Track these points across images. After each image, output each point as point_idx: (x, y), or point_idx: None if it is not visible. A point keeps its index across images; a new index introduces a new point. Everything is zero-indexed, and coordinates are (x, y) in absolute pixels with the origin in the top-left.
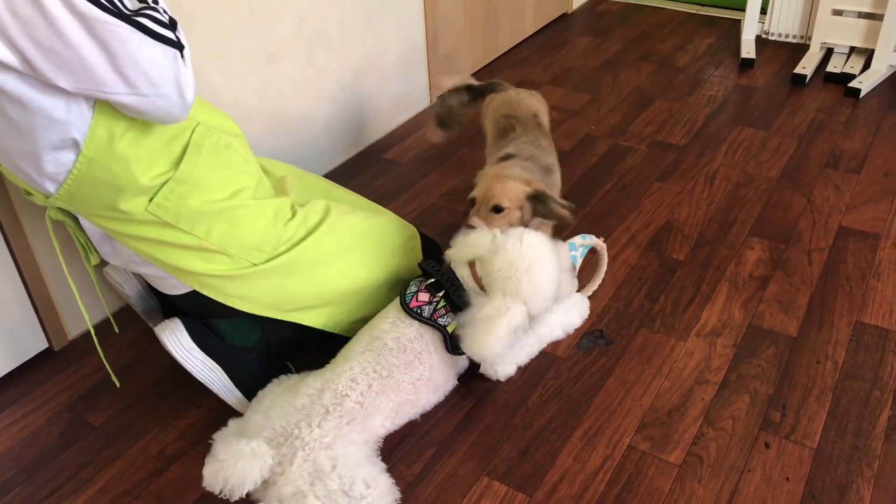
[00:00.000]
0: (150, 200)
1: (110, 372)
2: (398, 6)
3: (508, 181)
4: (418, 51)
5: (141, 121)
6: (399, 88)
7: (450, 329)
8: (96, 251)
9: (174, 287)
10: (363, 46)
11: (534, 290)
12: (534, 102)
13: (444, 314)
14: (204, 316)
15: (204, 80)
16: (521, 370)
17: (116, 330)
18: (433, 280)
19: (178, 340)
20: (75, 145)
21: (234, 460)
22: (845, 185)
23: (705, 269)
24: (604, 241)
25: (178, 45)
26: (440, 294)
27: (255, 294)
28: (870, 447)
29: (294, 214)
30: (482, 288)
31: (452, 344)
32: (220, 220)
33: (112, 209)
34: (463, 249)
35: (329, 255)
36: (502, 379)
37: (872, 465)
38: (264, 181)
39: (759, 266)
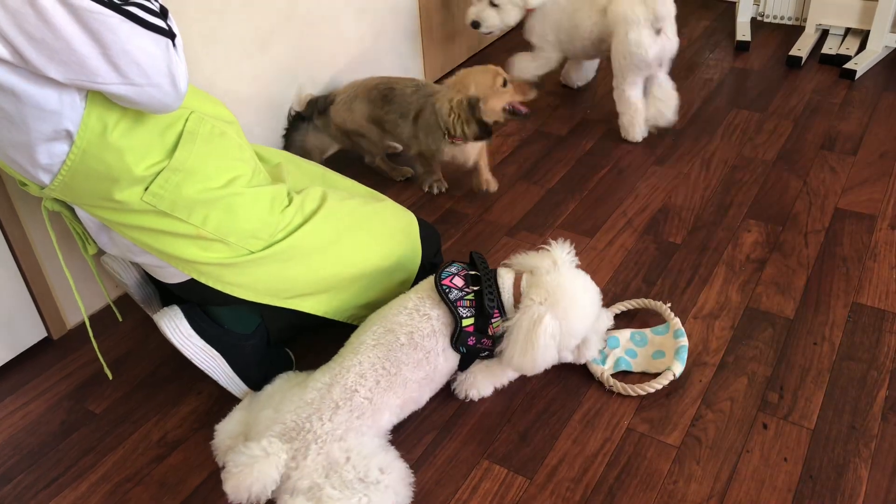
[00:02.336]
0: (146, 190)
1: (103, 364)
2: None
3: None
4: (413, 35)
5: (134, 111)
6: (393, 73)
7: (464, 323)
8: (93, 241)
9: (172, 276)
10: (356, 31)
11: (571, 311)
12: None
13: (467, 306)
14: (202, 304)
15: (196, 67)
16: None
17: (120, 318)
18: (475, 273)
19: (176, 328)
20: (68, 136)
21: (249, 468)
22: (841, 167)
23: (702, 252)
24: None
25: (169, 34)
26: (474, 289)
27: (254, 281)
28: (867, 427)
29: (291, 201)
30: (517, 302)
31: (459, 340)
32: (217, 209)
33: (107, 199)
34: (524, 262)
35: (327, 242)
36: (473, 399)
37: (869, 446)
38: (260, 169)
39: (756, 248)
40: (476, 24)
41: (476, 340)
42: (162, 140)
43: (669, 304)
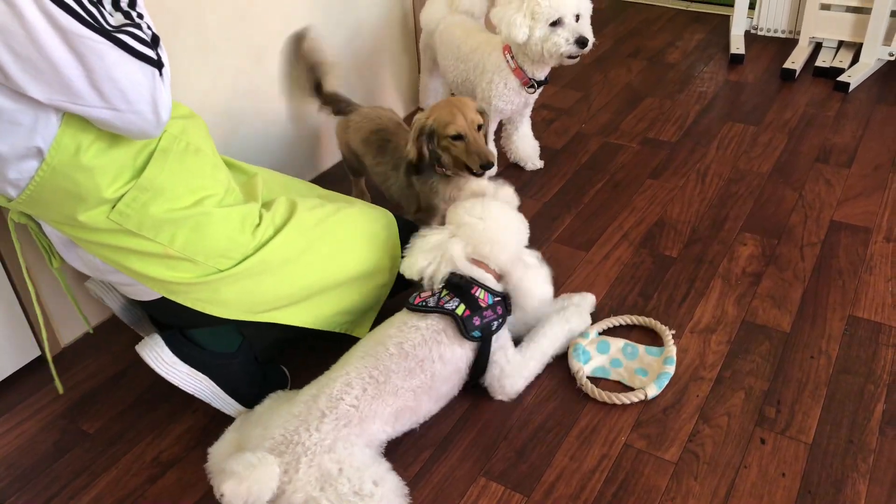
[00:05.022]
0: (112, 208)
1: (56, 378)
2: (386, 6)
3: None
4: (408, 51)
5: (109, 133)
6: (390, 88)
7: (458, 311)
8: (58, 254)
9: (143, 294)
10: (352, 47)
11: (511, 239)
12: (388, 113)
13: (448, 300)
14: (178, 323)
15: (191, 82)
16: None
17: (91, 331)
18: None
19: (158, 356)
20: (39, 153)
21: (249, 471)
22: (836, 180)
23: (698, 265)
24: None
25: (157, 64)
26: (441, 286)
27: (225, 298)
28: (864, 441)
29: (261, 220)
30: (498, 277)
31: (467, 328)
32: (184, 228)
33: (71, 219)
34: (420, 255)
35: (298, 252)
36: (512, 395)
37: (867, 460)
38: (233, 189)
39: (752, 262)
40: (583, 42)
41: (480, 318)
42: (134, 162)
43: (673, 332)
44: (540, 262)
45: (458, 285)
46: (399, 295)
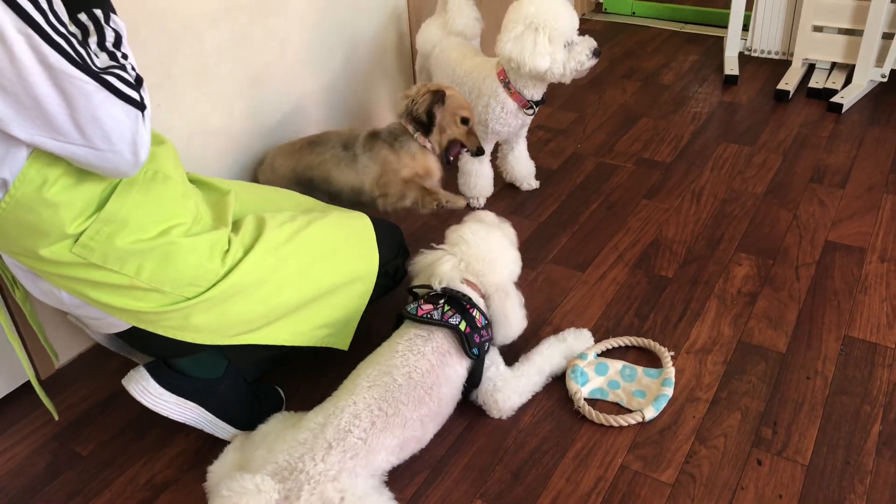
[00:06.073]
0: (76, 242)
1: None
2: (382, 30)
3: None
4: (405, 73)
5: (78, 168)
6: (386, 110)
7: (462, 327)
8: (21, 285)
9: (113, 325)
10: (348, 69)
11: (503, 268)
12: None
13: (451, 315)
14: (155, 351)
15: (190, 105)
16: None
17: (56, 362)
18: (431, 293)
19: (145, 389)
20: (3, 185)
21: (239, 496)
22: (830, 200)
23: (694, 285)
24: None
25: (140, 106)
26: (441, 301)
27: (197, 324)
28: (861, 463)
29: (230, 245)
30: (483, 296)
31: (469, 344)
32: (151, 258)
33: (32, 253)
34: (418, 277)
35: (269, 271)
36: (508, 412)
37: (864, 481)
38: (201, 217)
39: (748, 282)
40: (598, 52)
41: (479, 336)
42: (100, 195)
43: (672, 354)
44: (520, 300)
45: (458, 300)
46: (379, 302)
